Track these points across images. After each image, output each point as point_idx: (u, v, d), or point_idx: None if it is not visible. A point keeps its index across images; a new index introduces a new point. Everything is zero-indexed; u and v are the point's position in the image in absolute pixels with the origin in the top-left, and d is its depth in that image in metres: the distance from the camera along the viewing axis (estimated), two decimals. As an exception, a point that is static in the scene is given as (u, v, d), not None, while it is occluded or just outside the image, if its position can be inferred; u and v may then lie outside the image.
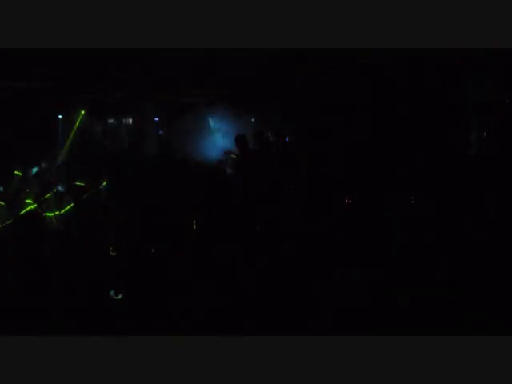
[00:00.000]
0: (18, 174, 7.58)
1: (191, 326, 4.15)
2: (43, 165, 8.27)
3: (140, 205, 6.06)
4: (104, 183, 7.57)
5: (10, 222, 6.17)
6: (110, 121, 12.10)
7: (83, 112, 10.73)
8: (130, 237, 5.66)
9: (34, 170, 7.96)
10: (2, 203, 6.63)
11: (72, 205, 6.93)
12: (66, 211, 6.90)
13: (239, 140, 7.23)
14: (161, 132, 11.67)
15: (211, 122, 10.64)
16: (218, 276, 4.93)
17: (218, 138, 10.29)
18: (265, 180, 6.63)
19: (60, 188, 7.25)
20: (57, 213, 6.85)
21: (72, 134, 10.59)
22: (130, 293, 4.83)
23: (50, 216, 6.81)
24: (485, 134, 7.03)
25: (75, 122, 10.64)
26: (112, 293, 4.88)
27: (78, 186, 7.40)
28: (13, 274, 4.71)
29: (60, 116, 10.61)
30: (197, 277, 4.89)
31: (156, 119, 11.64)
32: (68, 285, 4.73)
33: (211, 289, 4.68)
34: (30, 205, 6.73)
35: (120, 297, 4.87)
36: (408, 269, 4.89)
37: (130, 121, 12.23)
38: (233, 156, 7.50)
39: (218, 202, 6.06)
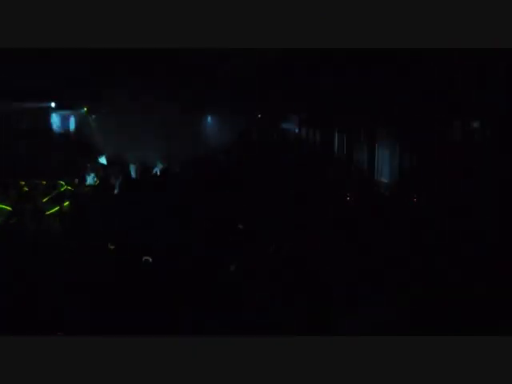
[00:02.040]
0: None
1: (191, 325, 4.15)
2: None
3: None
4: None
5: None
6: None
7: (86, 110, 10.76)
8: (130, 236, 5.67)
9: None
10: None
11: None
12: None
13: (244, 134, 7.32)
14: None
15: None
16: (218, 275, 4.94)
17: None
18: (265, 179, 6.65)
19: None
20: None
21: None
22: (129, 293, 4.83)
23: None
24: (485, 134, 7.03)
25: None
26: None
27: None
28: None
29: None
30: (196, 276, 4.89)
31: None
32: (67, 284, 4.74)
33: (212, 289, 4.68)
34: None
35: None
36: (408, 269, 4.89)
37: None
38: None
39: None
